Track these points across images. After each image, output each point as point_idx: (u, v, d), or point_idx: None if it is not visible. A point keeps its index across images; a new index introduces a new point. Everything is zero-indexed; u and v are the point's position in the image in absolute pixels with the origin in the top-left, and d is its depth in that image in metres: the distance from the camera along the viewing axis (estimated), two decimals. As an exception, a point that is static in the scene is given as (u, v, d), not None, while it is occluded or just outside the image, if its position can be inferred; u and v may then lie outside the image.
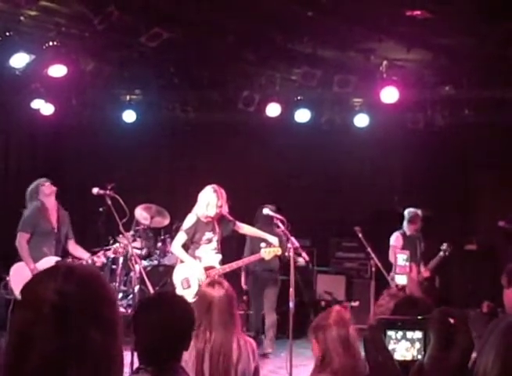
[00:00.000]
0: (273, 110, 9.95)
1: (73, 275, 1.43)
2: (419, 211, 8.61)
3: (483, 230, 10.17)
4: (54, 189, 7.00)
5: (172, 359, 2.84)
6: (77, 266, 1.50)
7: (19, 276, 6.62)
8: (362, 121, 10.39)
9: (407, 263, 3.45)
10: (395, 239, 8.49)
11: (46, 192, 6.95)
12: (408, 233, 8.52)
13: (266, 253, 6.87)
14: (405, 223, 8.58)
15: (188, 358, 3.65)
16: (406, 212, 8.64)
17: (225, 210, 6.91)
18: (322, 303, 10.20)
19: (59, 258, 6.75)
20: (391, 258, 8.13)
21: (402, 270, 3.45)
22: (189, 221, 6.82)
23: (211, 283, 3.91)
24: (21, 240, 6.74)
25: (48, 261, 6.65)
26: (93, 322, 1.39)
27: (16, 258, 6.82)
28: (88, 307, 1.40)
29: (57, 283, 1.40)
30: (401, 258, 3.48)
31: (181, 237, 6.82)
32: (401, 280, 3.46)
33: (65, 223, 7.08)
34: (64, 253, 7.03)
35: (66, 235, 7.07)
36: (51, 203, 6.98)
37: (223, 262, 6.92)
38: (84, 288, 1.42)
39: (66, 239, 7.07)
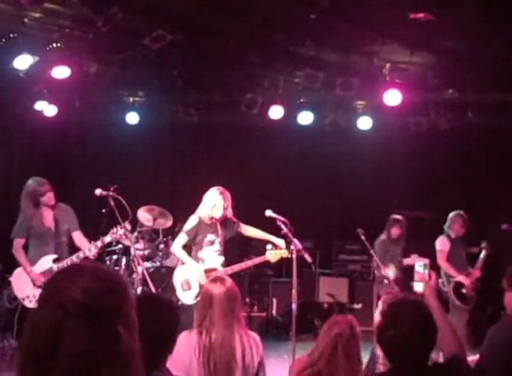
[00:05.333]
0: (276, 112, 9.95)
1: (99, 274, 1.47)
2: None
3: (486, 233, 10.14)
4: (49, 189, 6.68)
5: (154, 364, 2.71)
6: (99, 266, 1.55)
7: (18, 281, 6.60)
8: (364, 123, 10.40)
9: (426, 271, 3.41)
10: (442, 243, 8.19)
11: (42, 190, 6.64)
12: (453, 235, 8.23)
13: (271, 255, 6.83)
14: (453, 226, 8.24)
15: (193, 355, 3.68)
16: (456, 215, 8.30)
17: (230, 212, 6.90)
18: (325, 305, 10.21)
19: (55, 256, 6.55)
20: (441, 263, 7.99)
21: (420, 278, 3.42)
22: (191, 222, 6.80)
23: (214, 280, 3.97)
24: (16, 246, 6.60)
25: (44, 261, 6.56)
26: (119, 319, 1.43)
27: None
28: (114, 305, 1.44)
29: (85, 281, 1.42)
30: (418, 266, 3.45)
31: (181, 238, 6.79)
32: (418, 287, 3.44)
33: (64, 220, 6.79)
34: (70, 250, 6.77)
35: (67, 231, 6.80)
36: (46, 202, 6.69)
37: (226, 264, 6.90)
38: (110, 287, 1.46)
39: (68, 235, 6.80)
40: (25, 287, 6.50)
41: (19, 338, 1.48)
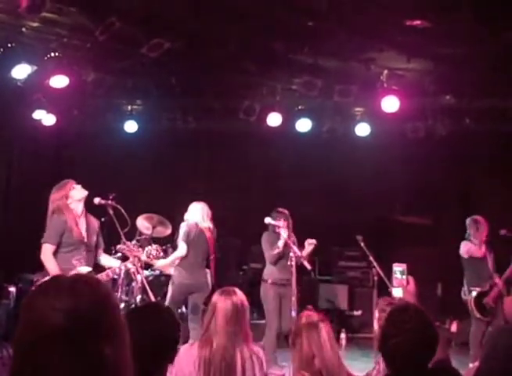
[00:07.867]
0: (274, 119, 9.96)
1: (77, 291, 1.36)
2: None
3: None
4: (85, 194, 6.22)
5: (156, 372, 2.72)
6: (80, 280, 1.41)
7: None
8: (362, 130, 10.41)
9: (404, 276, 3.44)
10: (461, 248, 8.06)
11: (76, 197, 6.18)
12: (476, 241, 8.06)
13: None
14: (471, 232, 8.05)
15: (192, 369, 3.62)
16: (470, 221, 8.10)
17: None
18: (325, 312, 10.18)
19: (90, 269, 6.03)
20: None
21: (399, 283, 3.45)
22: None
23: (222, 292, 3.85)
24: (46, 252, 5.95)
25: (83, 270, 5.95)
26: (104, 338, 1.34)
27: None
28: (98, 323, 1.33)
29: (62, 301, 1.32)
30: (397, 271, 3.48)
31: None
32: (397, 292, 3.47)
33: (95, 231, 6.33)
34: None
35: (96, 244, 6.34)
36: (79, 209, 6.21)
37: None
38: (92, 304, 1.35)
39: (96, 248, 6.36)
40: None
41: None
